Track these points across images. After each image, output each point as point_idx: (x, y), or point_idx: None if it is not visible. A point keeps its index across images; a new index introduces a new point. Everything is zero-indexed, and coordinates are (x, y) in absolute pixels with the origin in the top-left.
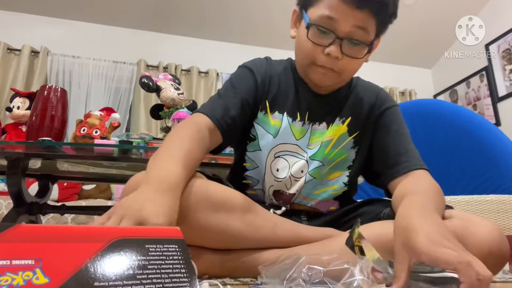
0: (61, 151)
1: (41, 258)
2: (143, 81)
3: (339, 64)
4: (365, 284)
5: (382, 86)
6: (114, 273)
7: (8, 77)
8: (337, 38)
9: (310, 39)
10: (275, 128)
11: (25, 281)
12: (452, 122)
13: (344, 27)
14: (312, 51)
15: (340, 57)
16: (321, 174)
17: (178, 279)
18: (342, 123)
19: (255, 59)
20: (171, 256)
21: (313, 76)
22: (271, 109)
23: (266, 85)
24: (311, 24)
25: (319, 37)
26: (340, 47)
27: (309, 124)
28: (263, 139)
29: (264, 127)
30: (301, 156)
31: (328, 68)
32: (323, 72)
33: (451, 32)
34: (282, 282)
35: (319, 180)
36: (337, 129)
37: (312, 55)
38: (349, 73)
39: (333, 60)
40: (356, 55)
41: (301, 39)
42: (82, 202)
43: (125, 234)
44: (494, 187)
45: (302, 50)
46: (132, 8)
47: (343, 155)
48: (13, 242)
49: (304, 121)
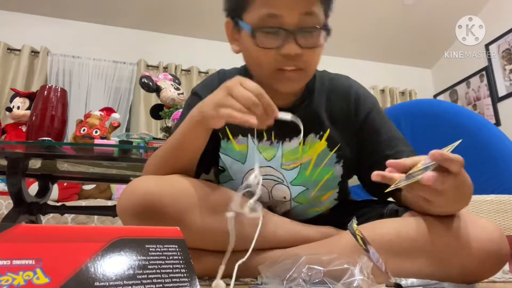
0: (61, 151)
1: (42, 258)
2: (143, 81)
3: (302, 60)
4: (365, 284)
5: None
6: (114, 273)
7: (8, 77)
8: (289, 33)
9: (260, 46)
10: (242, 154)
11: (26, 281)
12: (452, 122)
13: (291, 19)
14: (267, 58)
15: (300, 53)
16: (309, 198)
17: (178, 279)
18: (319, 139)
19: (206, 79)
20: (171, 256)
21: (279, 85)
22: (233, 134)
23: None
24: (255, 29)
25: (269, 40)
26: (296, 41)
27: (278, 143)
28: (232, 168)
29: (230, 155)
30: (279, 179)
31: (292, 69)
32: (289, 76)
33: (451, 32)
34: (282, 282)
35: (309, 204)
36: (316, 147)
37: (270, 63)
38: (314, 66)
39: (294, 59)
40: (316, 44)
41: (250, 50)
42: (82, 202)
43: (125, 234)
44: (494, 187)
45: (256, 62)
46: (132, 8)
47: (328, 173)
48: (13, 242)
49: (272, 140)
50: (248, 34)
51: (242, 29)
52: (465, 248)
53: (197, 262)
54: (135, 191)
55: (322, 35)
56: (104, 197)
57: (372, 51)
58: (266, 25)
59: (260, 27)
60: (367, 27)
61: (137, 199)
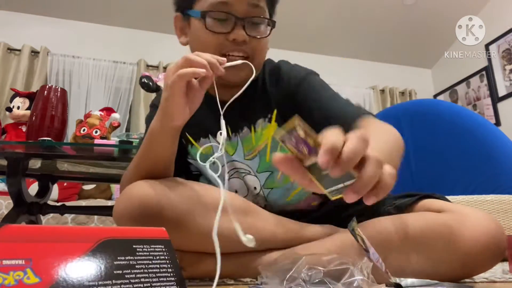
0: (61, 151)
1: (32, 258)
2: (143, 81)
3: (248, 48)
4: (365, 284)
5: (382, 86)
6: (103, 272)
7: (8, 77)
8: (237, 19)
9: (210, 30)
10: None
11: (16, 280)
12: (452, 122)
13: (239, 8)
14: (214, 42)
15: (247, 40)
16: (276, 181)
17: (165, 278)
18: (269, 122)
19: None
20: (158, 256)
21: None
22: (195, 139)
23: None
24: (206, 12)
25: (219, 25)
26: (244, 29)
27: (235, 136)
28: (207, 172)
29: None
30: (246, 171)
31: (239, 56)
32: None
33: (451, 32)
34: (282, 282)
35: (280, 188)
36: (267, 131)
37: (216, 47)
38: (260, 56)
39: (241, 45)
40: (262, 34)
41: (199, 36)
42: (82, 202)
43: (113, 235)
44: (494, 187)
45: (203, 46)
46: (132, 8)
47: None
48: (3, 242)
49: (229, 135)
50: (198, 18)
51: (192, 17)
52: (461, 241)
53: (198, 266)
54: (131, 196)
55: (267, 28)
56: (104, 197)
57: (372, 51)
58: (217, 9)
59: (209, 11)
60: (367, 27)
61: (134, 204)
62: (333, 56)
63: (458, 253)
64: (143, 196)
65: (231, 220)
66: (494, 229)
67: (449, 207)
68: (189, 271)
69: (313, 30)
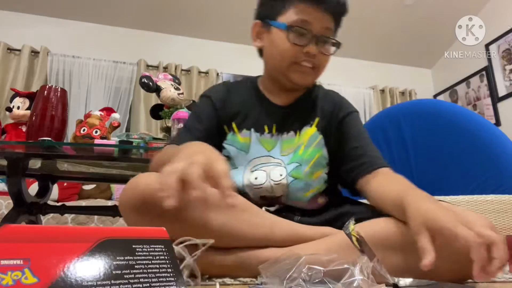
0: (61, 151)
1: (30, 258)
2: (143, 81)
3: (316, 61)
4: (365, 284)
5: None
6: (102, 272)
7: (8, 77)
8: (313, 36)
9: (291, 42)
10: (246, 145)
11: (14, 280)
12: (451, 122)
13: (317, 28)
14: (291, 51)
15: (317, 54)
16: (302, 173)
17: (164, 278)
18: (310, 126)
19: (213, 86)
20: (158, 256)
21: (294, 76)
22: (239, 128)
23: (228, 108)
24: (292, 27)
25: (298, 38)
26: (316, 44)
27: (278, 135)
28: (237, 158)
29: (235, 146)
30: (277, 164)
31: (307, 66)
32: (303, 70)
33: (451, 32)
34: (282, 282)
35: (304, 180)
36: (306, 132)
37: (292, 55)
38: (323, 69)
39: (311, 58)
40: (329, 52)
41: (277, 44)
42: (82, 202)
43: (112, 235)
44: (494, 187)
45: (281, 53)
46: (132, 8)
47: (318, 152)
48: (1, 242)
49: (272, 133)
50: (281, 30)
51: (273, 27)
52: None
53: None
54: (136, 186)
55: (333, 47)
56: (104, 197)
57: (372, 51)
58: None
59: (294, 26)
60: (367, 27)
61: (137, 193)
62: (333, 56)
63: (455, 254)
64: (147, 187)
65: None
66: None
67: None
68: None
69: None
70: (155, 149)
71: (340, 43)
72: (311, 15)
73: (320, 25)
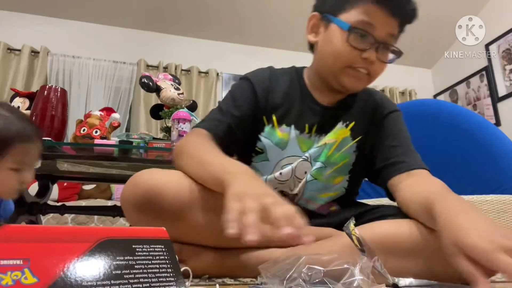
0: (61, 151)
1: (29, 258)
2: (143, 81)
3: (372, 68)
4: (365, 284)
5: (382, 86)
6: (101, 273)
7: (8, 77)
8: (376, 41)
9: (351, 43)
10: (283, 141)
11: (14, 281)
12: (452, 122)
13: (380, 33)
14: (349, 54)
15: (376, 61)
16: (323, 176)
17: (164, 278)
18: (345, 127)
19: (257, 70)
20: (158, 256)
21: (346, 80)
22: (279, 122)
23: (270, 98)
24: (354, 28)
25: (359, 41)
26: (377, 51)
27: (315, 136)
28: (272, 152)
29: (272, 139)
30: (304, 157)
31: (363, 72)
32: (358, 75)
33: (451, 32)
34: (282, 282)
35: (322, 183)
36: (340, 132)
37: (348, 59)
38: (376, 77)
39: (368, 64)
40: (387, 60)
41: (335, 43)
42: (82, 202)
43: (112, 235)
44: (494, 187)
45: (337, 54)
46: (132, 8)
47: (346, 158)
48: (1, 242)
49: (311, 134)
50: (345, 29)
51: (333, 24)
52: None
53: (197, 258)
54: (138, 182)
55: (391, 55)
56: (104, 197)
57: None
58: (362, 28)
59: (357, 27)
60: None
61: (139, 190)
62: None
63: None
64: (148, 184)
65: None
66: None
67: None
68: (189, 264)
69: None
70: (155, 149)
71: (401, 52)
72: (377, 18)
73: (385, 31)
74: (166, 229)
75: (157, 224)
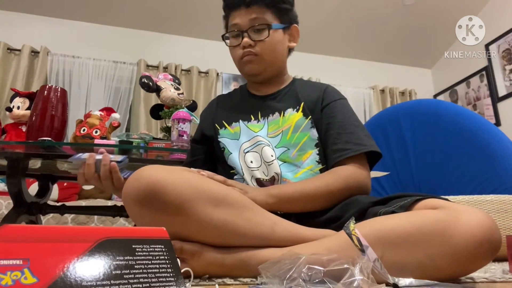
0: (61, 151)
1: (29, 258)
2: (143, 81)
3: (257, 49)
4: (365, 284)
5: (382, 86)
6: (101, 273)
7: (8, 77)
8: (242, 32)
9: (229, 45)
10: (236, 133)
11: (14, 281)
12: (452, 122)
13: (243, 24)
14: (236, 53)
15: (253, 44)
16: (291, 157)
17: (164, 278)
18: (296, 111)
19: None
20: (158, 256)
21: (245, 69)
22: (228, 123)
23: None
24: (226, 35)
25: (233, 40)
26: (249, 36)
27: (263, 119)
28: (230, 145)
29: (227, 137)
30: (267, 143)
31: (247, 54)
32: (247, 59)
33: (451, 32)
34: (282, 282)
35: (292, 163)
36: (293, 117)
37: (237, 56)
38: (271, 53)
39: (250, 49)
40: (263, 37)
41: (230, 52)
42: (82, 202)
43: (112, 235)
44: (494, 187)
45: (234, 58)
46: (132, 8)
47: (305, 136)
48: (0, 242)
49: (258, 119)
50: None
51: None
52: (456, 237)
53: (198, 258)
54: (140, 177)
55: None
56: (104, 197)
57: (372, 51)
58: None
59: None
60: (367, 27)
61: (141, 185)
62: (333, 56)
63: (454, 248)
64: (151, 179)
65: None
66: (489, 225)
67: (444, 204)
68: (190, 263)
69: (313, 30)
70: (155, 149)
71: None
72: (235, 17)
73: (244, 20)
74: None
75: (159, 218)
